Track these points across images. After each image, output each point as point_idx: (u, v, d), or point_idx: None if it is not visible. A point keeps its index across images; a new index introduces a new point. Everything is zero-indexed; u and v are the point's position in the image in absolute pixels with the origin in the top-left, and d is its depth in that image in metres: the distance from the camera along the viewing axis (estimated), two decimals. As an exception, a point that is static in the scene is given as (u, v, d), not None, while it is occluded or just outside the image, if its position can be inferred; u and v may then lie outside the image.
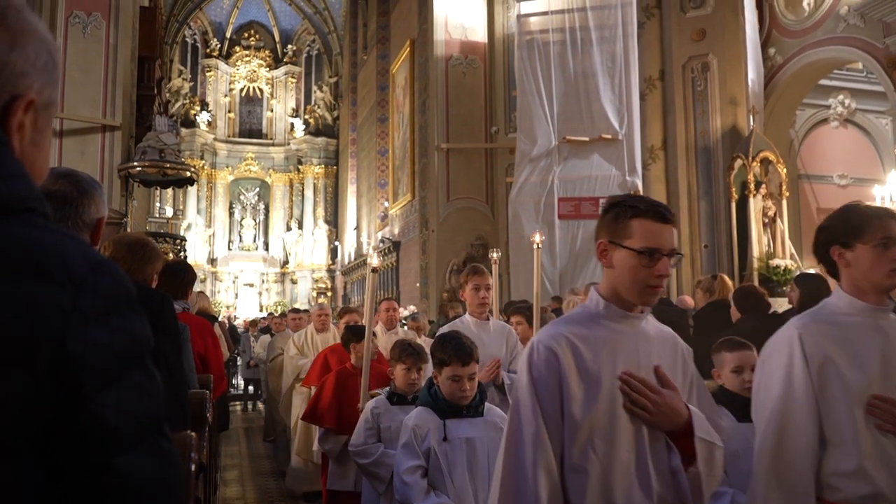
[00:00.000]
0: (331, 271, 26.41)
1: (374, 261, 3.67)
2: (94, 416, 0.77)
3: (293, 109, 27.96)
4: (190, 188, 17.53)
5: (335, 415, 3.82)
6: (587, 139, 10.91)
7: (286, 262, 27.00)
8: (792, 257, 9.76)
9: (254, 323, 13.59)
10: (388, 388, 3.23)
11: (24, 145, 0.87)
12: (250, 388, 12.70)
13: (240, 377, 13.07)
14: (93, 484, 0.78)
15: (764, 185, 9.72)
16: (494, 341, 3.81)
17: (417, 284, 14.55)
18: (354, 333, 4.15)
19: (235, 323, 17.41)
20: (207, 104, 26.79)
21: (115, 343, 0.80)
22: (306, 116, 27.67)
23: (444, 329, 3.50)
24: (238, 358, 12.03)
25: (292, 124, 27.68)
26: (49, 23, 9.93)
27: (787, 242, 9.80)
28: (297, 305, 23.41)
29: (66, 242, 0.82)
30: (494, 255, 4.72)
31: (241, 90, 27.79)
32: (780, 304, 6.78)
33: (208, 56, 27.06)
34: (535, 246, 4.09)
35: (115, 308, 0.81)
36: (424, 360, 3.17)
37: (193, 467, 1.94)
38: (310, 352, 5.75)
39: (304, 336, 6.02)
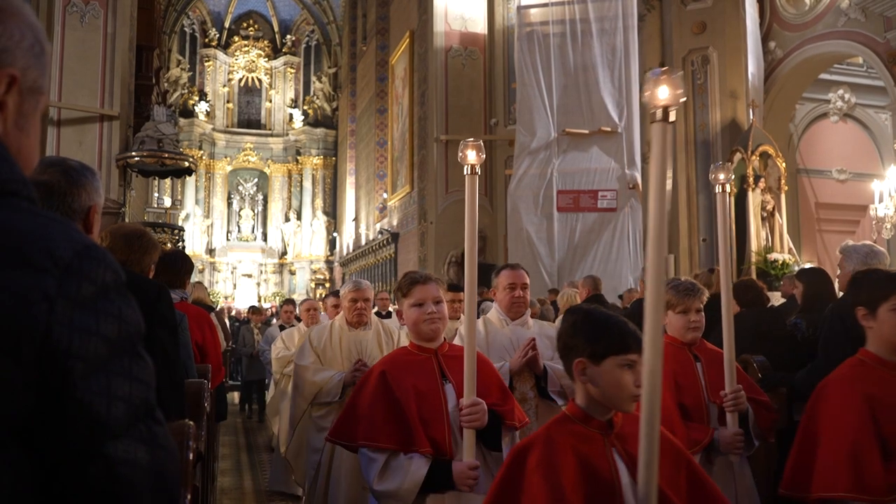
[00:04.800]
0: (329, 262, 26.41)
1: (472, 157, 2.16)
2: (81, 403, 0.76)
3: (292, 100, 27.88)
4: (188, 178, 17.51)
5: (394, 427, 2.27)
6: (586, 132, 10.90)
7: (284, 253, 27.00)
8: (790, 251, 9.77)
9: (256, 311, 12.20)
10: None
11: (8, 127, 0.86)
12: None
13: (240, 374, 11.36)
14: (83, 472, 0.77)
15: (763, 179, 9.72)
16: None
17: (415, 276, 14.55)
18: (416, 281, 2.46)
19: (233, 314, 17.35)
20: (206, 94, 26.71)
21: (102, 328, 0.79)
22: (305, 107, 27.60)
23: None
24: (239, 352, 10.78)
25: (291, 115, 27.62)
26: (46, 11, 9.89)
27: (786, 236, 9.82)
28: (294, 296, 23.46)
29: (50, 227, 0.80)
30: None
31: (240, 80, 27.71)
32: (776, 299, 6.80)
33: (207, 46, 26.95)
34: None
35: (102, 292, 0.80)
36: None
37: (192, 456, 1.94)
38: (335, 357, 3.68)
39: (327, 334, 3.77)
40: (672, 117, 1.40)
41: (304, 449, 3.72)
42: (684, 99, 1.30)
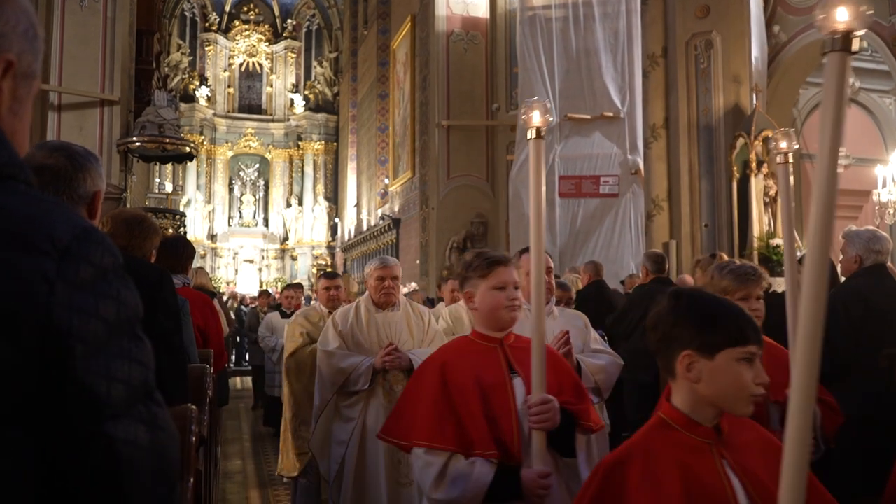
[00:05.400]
0: (331, 248, 26.42)
1: (536, 118, 1.94)
2: (82, 384, 0.77)
3: (293, 85, 27.76)
4: (189, 164, 17.44)
5: (455, 425, 1.97)
6: (588, 117, 10.84)
7: (286, 239, 27.00)
8: (792, 237, 9.75)
9: (265, 294, 11.63)
10: None
11: (3, 112, 0.86)
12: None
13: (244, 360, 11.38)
14: (84, 451, 0.77)
15: (765, 165, 9.69)
16: None
17: (417, 262, 14.56)
18: (497, 261, 2.16)
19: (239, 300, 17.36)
20: (206, 79, 26.59)
21: (102, 310, 0.79)
22: (306, 92, 27.49)
23: None
24: (244, 339, 10.26)
25: (292, 100, 27.51)
26: (46, -5, 9.83)
27: (788, 222, 9.79)
28: (297, 280, 23.49)
29: (49, 210, 0.81)
30: None
31: (241, 65, 27.57)
32: (780, 284, 6.79)
33: (207, 30, 26.79)
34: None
35: (101, 275, 0.81)
36: None
37: (195, 440, 1.95)
38: (362, 341, 3.41)
39: (352, 316, 3.48)
40: (855, 46, 1.07)
41: (328, 441, 3.45)
42: (862, 32, 0.88)
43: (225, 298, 12.36)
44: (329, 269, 24.98)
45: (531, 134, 1.90)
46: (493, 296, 2.09)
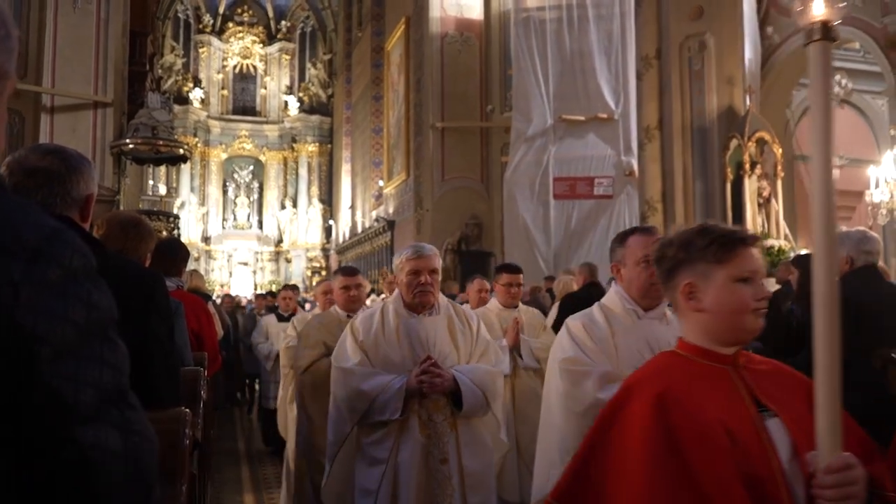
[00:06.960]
0: (325, 250, 26.39)
1: (819, 8, 1.13)
2: (48, 388, 0.75)
3: (287, 87, 27.74)
4: (183, 166, 17.43)
5: (697, 497, 1.19)
6: (583, 118, 10.87)
7: (280, 241, 26.96)
8: (786, 238, 9.80)
9: (261, 297, 11.56)
10: None
11: None
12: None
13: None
14: (55, 457, 0.76)
15: (759, 166, 9.73)
16: None
17: (412, 263, 14.56)
18: (740, 239, 1.38)
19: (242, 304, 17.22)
20: (200, 81, 26.54)
21: (70, 313, 0.77)
22: (300, 94, 27.47)
23: None
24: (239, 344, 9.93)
25: (286, 102, 27.48)
26: (39, -3, 9.80)
27: (782, 223, 9.84)
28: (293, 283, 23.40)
29: (18, 211, 0.79)
30: None
31: (235, 67, 27.53)
32: (773, 285, 6.82)
33: (201, 32, 26.75)
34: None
35: (70, 277, 0.78)
36: None
37: (188, 444, 1.94)
38: (390, 355, 2.67)
39: (377, 323, 2.71)
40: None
41: (348, 489, 2.65)
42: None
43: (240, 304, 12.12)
44: (324, 272, 24.84)
45: (813, 33, 1.14)
46: (737, 291, 1.35)
